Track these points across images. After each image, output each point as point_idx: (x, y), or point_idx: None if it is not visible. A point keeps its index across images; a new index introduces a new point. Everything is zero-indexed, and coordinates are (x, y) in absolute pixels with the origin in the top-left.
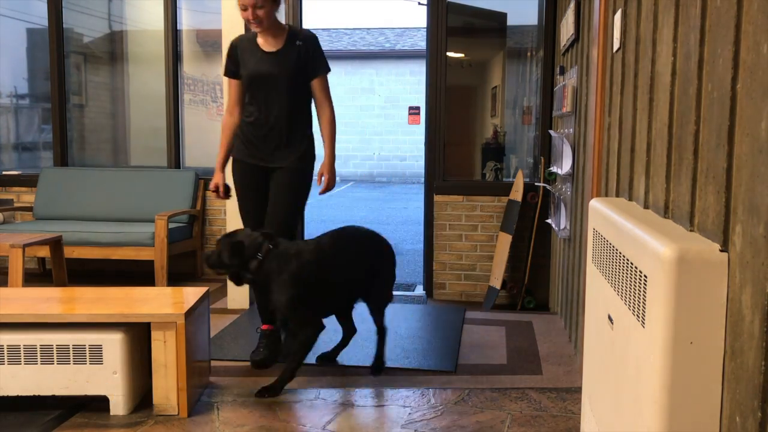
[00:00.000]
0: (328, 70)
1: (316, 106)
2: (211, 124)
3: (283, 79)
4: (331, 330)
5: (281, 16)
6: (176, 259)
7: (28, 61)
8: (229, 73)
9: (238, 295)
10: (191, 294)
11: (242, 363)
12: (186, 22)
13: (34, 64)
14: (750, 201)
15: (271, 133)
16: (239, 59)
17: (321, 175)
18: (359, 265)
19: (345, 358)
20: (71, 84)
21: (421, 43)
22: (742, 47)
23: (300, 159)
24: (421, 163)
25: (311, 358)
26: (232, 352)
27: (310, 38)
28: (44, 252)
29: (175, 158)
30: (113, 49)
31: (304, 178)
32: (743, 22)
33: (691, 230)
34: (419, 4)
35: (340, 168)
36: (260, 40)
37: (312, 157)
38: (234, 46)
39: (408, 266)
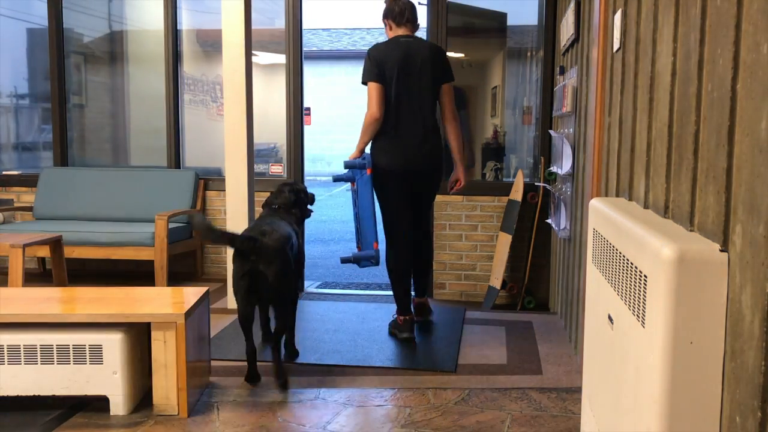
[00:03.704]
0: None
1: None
2: (211, 124)
3: None
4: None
5: (281, 16)
6: (176, 259)
7: (28, 61)
8: None
9: None
10: (191, 294)
11: (242, 363)
12: (186, 22)
13: (34, 64)
14: (750, 201)
15: None
16: None
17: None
18: None
19: (346, 358)
20: (71, 84)
21: None
22: (742, 47)
23: None
24: None
25: (312, 358)
26: (232, 352)
27: None
28: (44, 252)
29: (175, 158)
30: (113, 49)
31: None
32: (743, 22)
33: (691, 230)
34: (419, 4)
35: (339, 168)
36: None
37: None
38: None
39: None
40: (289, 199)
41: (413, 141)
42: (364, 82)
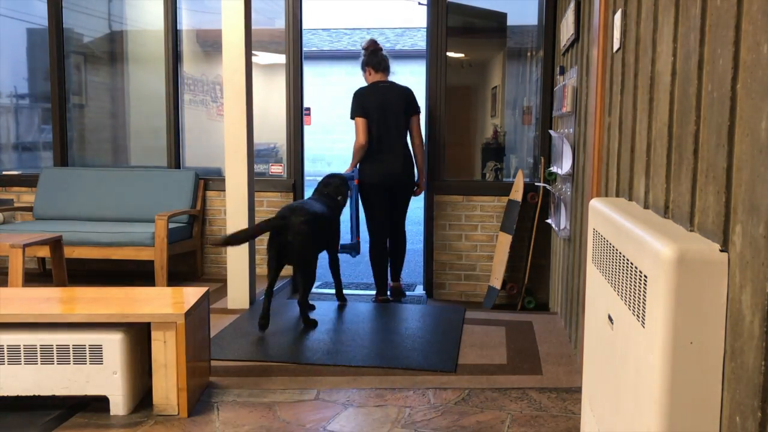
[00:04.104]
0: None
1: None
2: (211, 124)
3: None
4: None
5: (281, 16)
6: (176, 259)
7: (28, 61)
8: None
9: (238, 295)
10: (191, 294)
11: (242, 363)
12: (186, 22)
13: (34, 64)
14: (750, 201)
15: None
16: None
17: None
18: None
19: (346, 358)
20: (71, 84)
21: (421, 43)
22: (742, 47)
23: None
24: None
25: (312, 358)
26: (232, 352)
27: None
28: (44, 252)
29: (175, 158)
30: (113, 49)
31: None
32: (743, 22)
33: (691, 230)
34: (419, 4)
35: (339, 168)
36: None
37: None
38: None
39: (408, 266)
40: (338, 188)
41: (391, 161)
42: (352, 117)
